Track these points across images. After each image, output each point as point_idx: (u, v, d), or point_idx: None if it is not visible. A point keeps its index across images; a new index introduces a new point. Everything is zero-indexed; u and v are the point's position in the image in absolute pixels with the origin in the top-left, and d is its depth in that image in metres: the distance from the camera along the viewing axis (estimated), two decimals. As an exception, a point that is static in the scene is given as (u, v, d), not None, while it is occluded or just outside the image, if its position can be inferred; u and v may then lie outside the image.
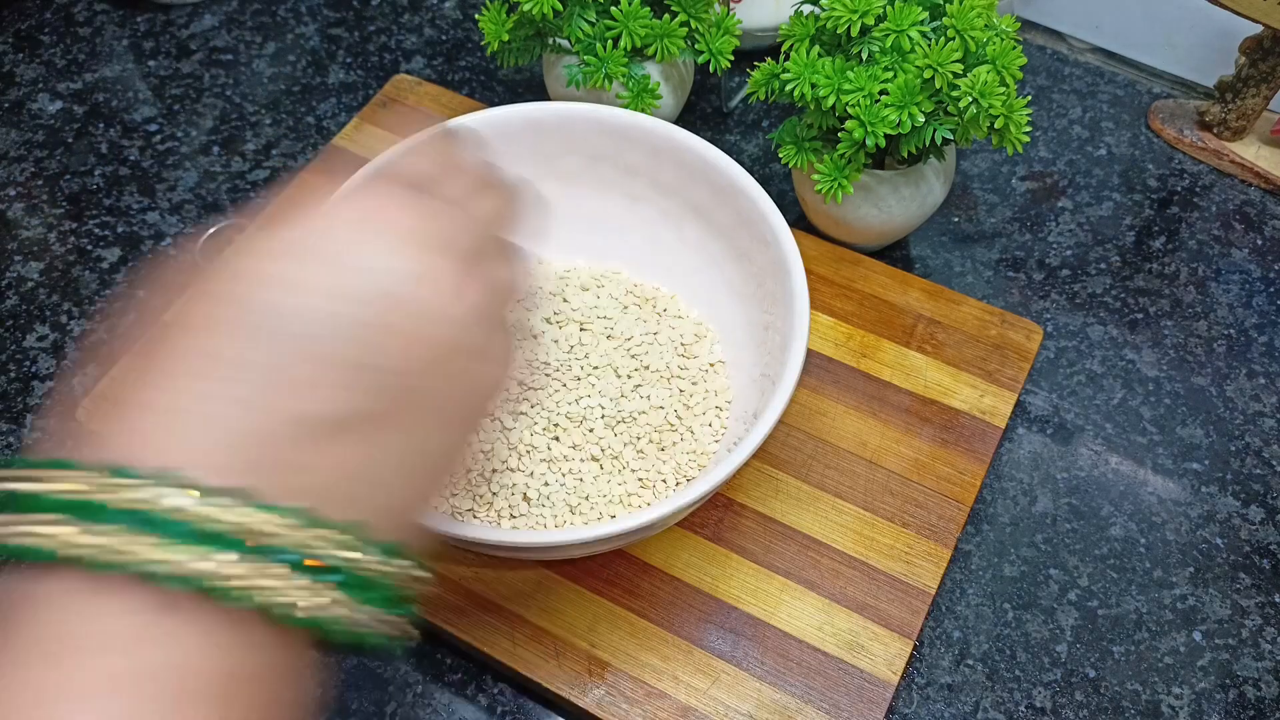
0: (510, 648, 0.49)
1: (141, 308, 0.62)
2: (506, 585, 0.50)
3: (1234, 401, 0.58)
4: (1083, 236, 0.64)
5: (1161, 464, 0.56)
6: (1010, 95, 0.51)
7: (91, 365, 0.60)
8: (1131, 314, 0.61)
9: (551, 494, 0.50)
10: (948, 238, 0.64)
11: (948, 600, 0.52)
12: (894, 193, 0.57)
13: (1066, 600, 0.52)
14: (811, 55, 0.53)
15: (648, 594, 0.50)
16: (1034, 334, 0.57)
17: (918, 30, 0.51)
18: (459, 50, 0.73)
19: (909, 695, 0.50)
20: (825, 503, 0.52)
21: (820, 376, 0.56)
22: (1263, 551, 0.53)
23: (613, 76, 0.58)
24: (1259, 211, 0.65)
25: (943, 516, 0.52)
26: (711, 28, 0.59)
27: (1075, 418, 0.57)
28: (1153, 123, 0.69)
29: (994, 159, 0.68)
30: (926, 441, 0.54)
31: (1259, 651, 0.51)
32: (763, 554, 0.51)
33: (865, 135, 0.51)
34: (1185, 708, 0.49)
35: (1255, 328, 0.61)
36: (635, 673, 0.48)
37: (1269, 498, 0.55)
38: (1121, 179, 0.67)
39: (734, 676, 0.48)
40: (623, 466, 0.51)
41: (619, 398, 0.52)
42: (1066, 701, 0.49)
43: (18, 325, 0.61)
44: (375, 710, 0.49)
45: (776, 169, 0.67)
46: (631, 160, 0.55)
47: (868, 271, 0.59)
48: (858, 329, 0.58)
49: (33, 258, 0.64)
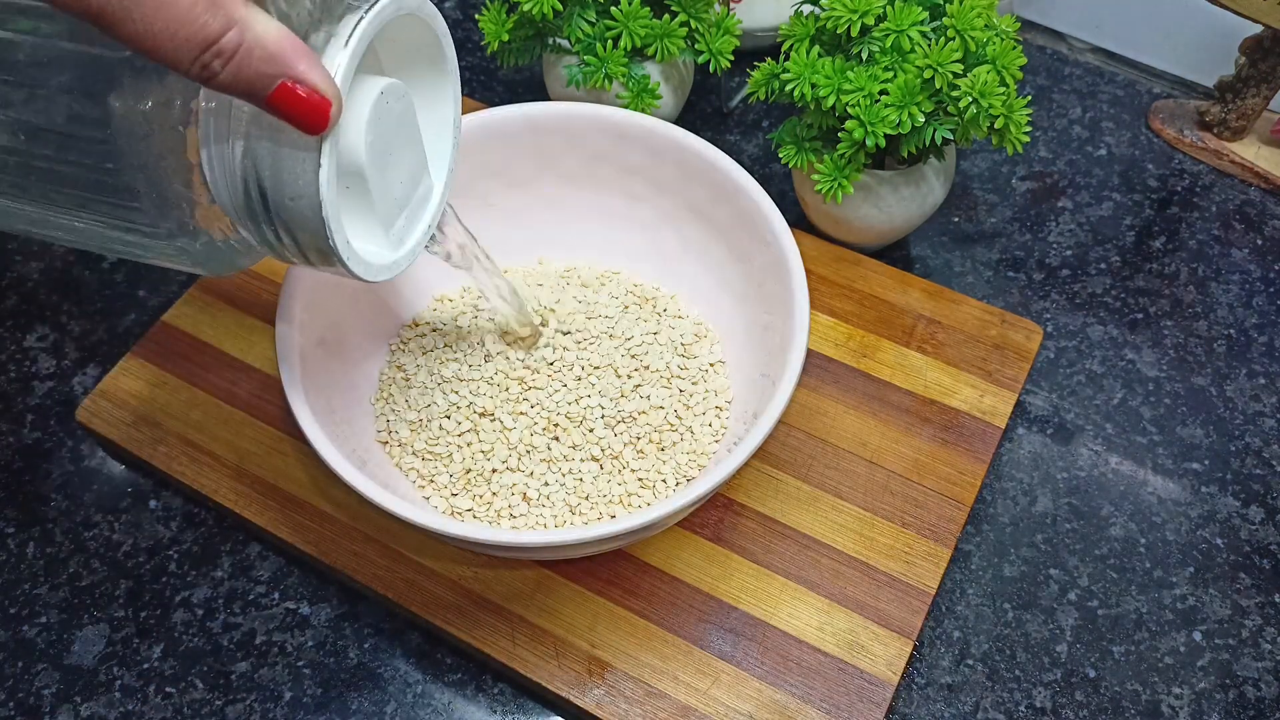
0: (510, 648, 0.49)
1: (141, 308, 0.62)
2: (506, 585, 0.50)
3: (1234, 401, 0.58)
4: (1083, 236, 0.64)
5: (1161, 464, 0.56)
6: (1010, 95, 0.51)
7: (91, 365, 0.60)
8: (1131, 314, 0.61)
9: (551, 494, 0.50)
10: (948, 238, 0.64)
11: (948, 600, 0.52)
12: (894, 193, 0.57)
13: (1066, 600, 0.52)
14: (811, 55, 0.53)
15: (648, 594, 0.50)
16: (1034, 334, 0.57)
17: (918, 30, 0.51)
18: (459, 50, 0.73)
19: (909, 695, 0.50)
20: (825, 503, 0.52)
21: (820, 376, 0.56)
22: (1263, 551, 0.53)
23: (613, 76, 0.58)
24: (1259, 211, 0.65)
25: (943, 516, 0.52)
26: (711, 28, 0.59)
27: (1075, 418, 0.58)
28: (1153, 123, 0.69)
29: (994, 159, 0.68)
30: (926, 441, 0.54)
31: (1259, 651, 0.51)
32: (763, 554, 0.51)
33: (865, 135, 0.51)
34: (1185, 708, 0.49)
35: (1255, 328, 0.61)
36: (635, 673, 0.48)
37: (1269, 498, 0.55)
38: (1121, 179, 0.67)
39: (734, 676, 0.48)
40: (623, 466, 0.51)
41: (619, 398, 0.52)
42: (1066, 701, 0.49)
43: (18, 325, 0.61)
44: (375, 710, 0.49)
45: (776, 169, 0.67)
46: (631, 160, 0.55)
47: (868, 271, 0.59)
48: (858, 329, 0.58)
49: (33, 258, 0.64)
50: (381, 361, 0.55)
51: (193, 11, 0.28)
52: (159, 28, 0.28)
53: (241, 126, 0.34)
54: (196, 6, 0.28)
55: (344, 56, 0.33)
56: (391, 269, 0.40)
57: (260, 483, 0.53)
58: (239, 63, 0.30)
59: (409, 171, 0.41)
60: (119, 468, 0.56)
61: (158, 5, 0.28)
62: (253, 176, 0.35)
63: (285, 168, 0.34)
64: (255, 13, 0.30)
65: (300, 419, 0.44)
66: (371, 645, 0.51)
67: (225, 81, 0.30)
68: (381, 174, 0.38)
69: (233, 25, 0.29)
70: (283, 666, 0.50)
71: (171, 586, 0.52)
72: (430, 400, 0.53)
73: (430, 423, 0.52)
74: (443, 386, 0.53)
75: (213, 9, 0.29)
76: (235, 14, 0.29)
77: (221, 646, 0.51)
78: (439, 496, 0.50)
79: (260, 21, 0.30)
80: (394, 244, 0.41)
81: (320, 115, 0.32)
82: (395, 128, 0.38)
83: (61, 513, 0.55)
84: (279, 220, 0.35)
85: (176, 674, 0.50)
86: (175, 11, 0.28)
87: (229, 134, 0.34)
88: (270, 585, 0.52)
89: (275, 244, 0.37)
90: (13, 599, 0.52)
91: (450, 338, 0.55)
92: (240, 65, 0.30)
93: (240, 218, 0.36)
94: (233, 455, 0.54)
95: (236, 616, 0.52)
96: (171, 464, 0.54)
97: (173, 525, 0.54)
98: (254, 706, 0.49)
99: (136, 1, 0.28)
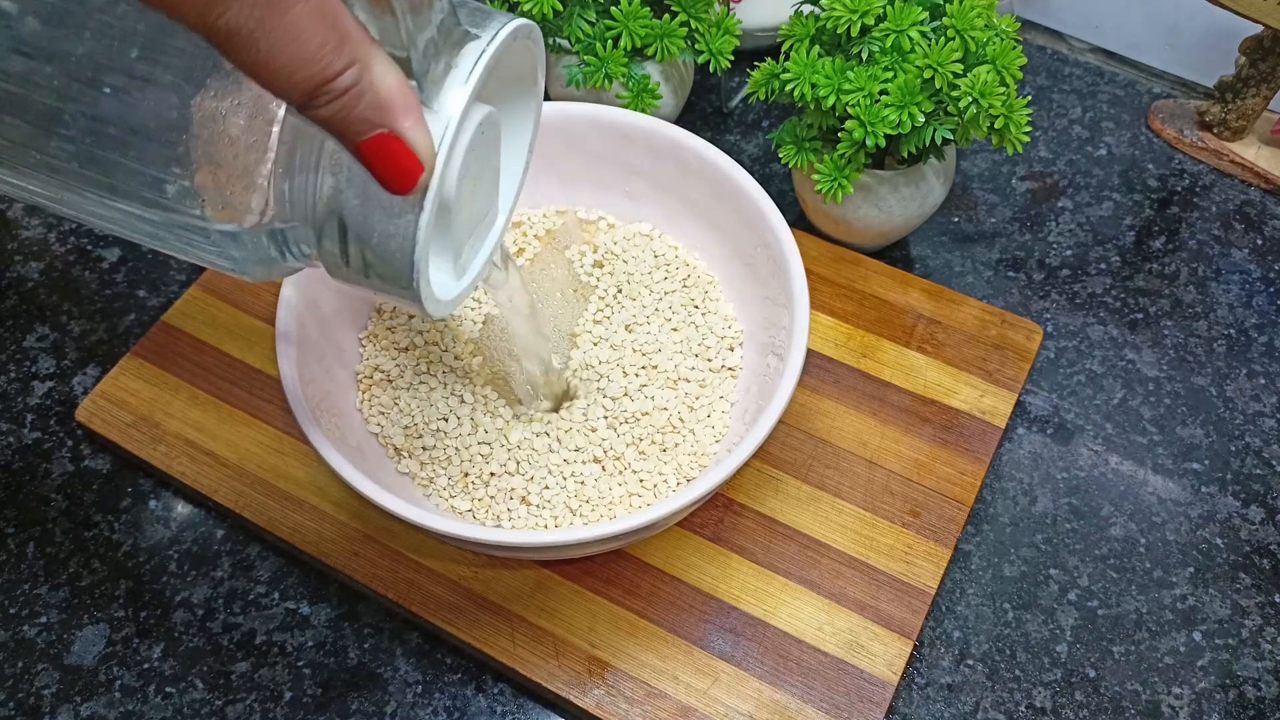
0: (510, 648, 0.49)
1: (141, 308, 0.62)
2: (506, 585, 0.50)
3: (1234, 401, 0.58)
4: (1083, 236, 0.64)
5: (1161, 464, 0.56)
6: (1010, 95, 0.51)
7: (91, 365, 0.60)
8: (1131, 314, 0.61)
9: (552, 496, 0.50)
10: (948, 238, 0.64)
11: (948, 600, 0.52)
12: (894, 193, 0.57)
13: (1066, 600, 0.52)
14: (811, 55, 0.53)
15: (648, 594, 0.50)
16: (1034, 334, 0.57)
17: (918, 30, 0.51)
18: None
19: (909, 695, 0.50)
20: (825, 503, 0.52)
21: (820, 376, 0.56)
22: (1263, 551, 0.53)
23: (613, 76, 0.58)
24: (1259, 211, 0.65)
25: (943, 516, 0.52)
26: (711, 28, 0.59)
27: (1075, 418, 0.58)
28: (1153, 123, 0.69)
29: (994, 159, 0.68)
30: (926, 441, 0.54)
31: (1259, 651, 0.51)
32: (763, 554, 0.51)
33: (865, 135, 0.51)
34: (1185, 708, 0.49)
35: (1255, 328, 0.61)
36: (635, 673, 0.48)
37: (1269, 498, 0.55)
38: (1121, 179, 0.67)
39: (734, 676, 0.48)
40: (624, 467, 0.51)
41: (623, 398, 0.52)
42: (1066, 701, 0.49)
43: (18, 325, 0.61)
44: (375, 710, 0.49)
45: (776, 169, 0.67)
46: (631, 160, 0.55)
47: (868, 271, 0.59)
48: (858, 329, 0.58)
49: (33, 258, 0.64)
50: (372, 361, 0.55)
51: (322, 50, 0.26)
52: (282, 61, 0.26)
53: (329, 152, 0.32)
54: (327, 45, 0.26)
55: (465, 94, 0.31)
56: (454, 303, 0.37)
57: (260, 483, 0.53)
58: (346, 103, 0.28)
59: (484, 199, 0.38)
60: (119, 468, 0.56)
61: (290, 39, 0.26)
62: (337, 205, 0.32)
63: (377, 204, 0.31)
64: (378, 54, 0.28)
65: (300, 419, 0.44)
66: (371, 645, 0.51)
67: (323, 116, 0.28)
68: (463, 205, 0.36)
69: (353, 65, 0.27)
70: (283, 666, 0.50)
71: (171, 586, 0.52)
72: (426, 401, 0.53)
73: (429, 424, 0.52)
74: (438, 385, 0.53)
75: (339, 48, 0.27)
76: (358, 53, 0.27)
77: (221, 646, 0.51)
78: (438, 496, 0.50)
79: (380, 65, 0.28)
80: (458, 273, 0.38)
81: (409, 180, 0.30)
82: (482, 156, 0.36)
83: (61, 513, 0.55)
84: (354, 246, 0.33)
85: (176, 674, 0.50)
86: (305, 49, 0.26)
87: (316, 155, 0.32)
88: (270, 585, 0.52)
89: (340, 265, 0.34)
90: (13, 599, 0.52)
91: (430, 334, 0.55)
92: (346, 106, 0.28)
93: (311, 241, 0.34)
94: (233, 455, 0.54)
95: (236, 616, 0.52)
96: (171, 464, 0.54)
97: (173, 525, 0.54)
98: (254, 706, 0.49)
99: (267, 31, 0.26)
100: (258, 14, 0.25)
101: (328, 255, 0.34)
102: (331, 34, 0.26)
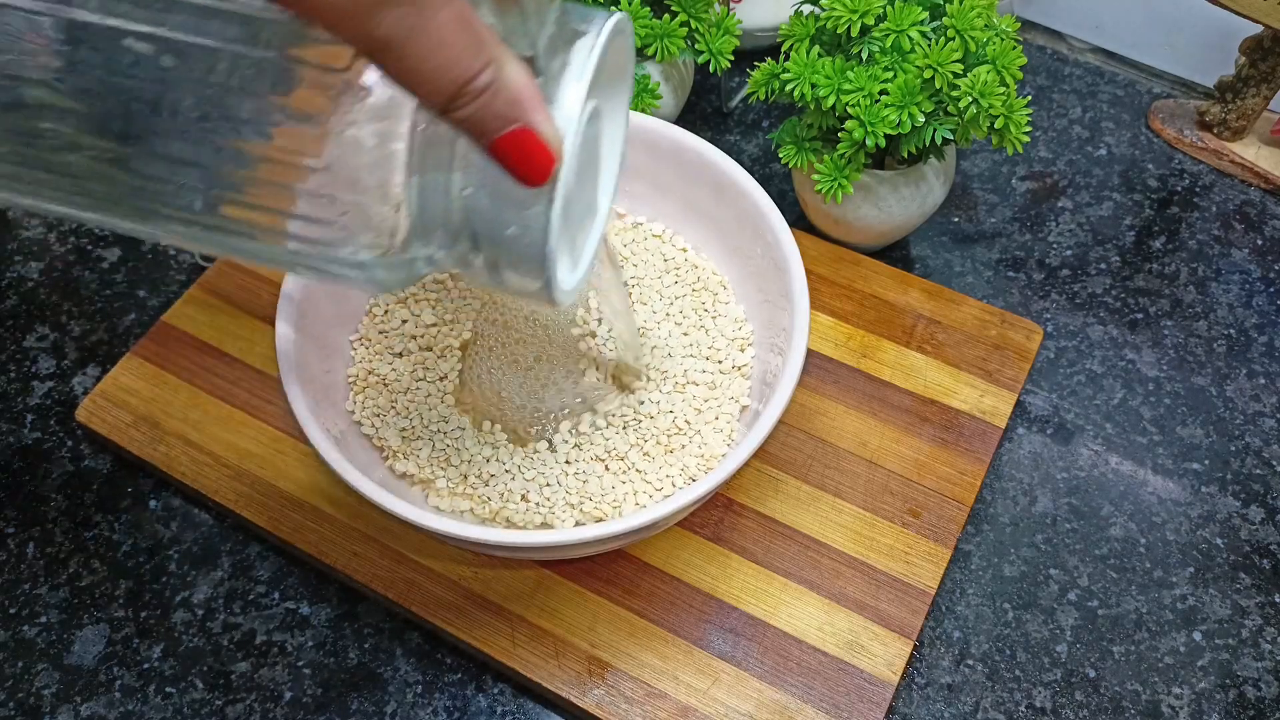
0: (510, 648, 0.49)
1: (141, 308, 0.62)
2: (506, 585, 0.50)
3: (1234, 401, 0.58)
4: (1083, 236, 0.64)
5: (1161, 464, 0.56)
6: (1010, 95, 0.51)
7: (91, 365, 0.60)
8: (1131, 314, 0.61)
9: (553, 495, 0.50)
10: (948, 238, 0.64)
11: (948, 600, 0.52)
12: (894, 193, 0.57)
13: (1066, 600, 0.52)
14: (811, 55, 0.53)
15: (648, 594, 0.50)
16: (1034, 334, 0.57)
17: (918, 30, 0.51)
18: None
19: (909, 695, 0.50)
20: (825, 503, 0.52)
21: (820, 376, 0.56)
22: (1263, 551, 0.53)
23: (613, 76, 0.58)
24: (1259, 211, 0.65)
25: (943, 516, 0.52)
26: (711, 28, 0.59)
27: (1075, 418, 0.58)
28: (1153, 123, 0.69)
29: (994, 159, 0.68)
30: (926, 441, 0.54)
31: (1259, 651, 0.51)
32: (763, 554, 0.51)
33: (865, 135, 0.51)
34: (1185, 708, 0.49)
35: (1255, 328, 0.61)
36: (635, 673, 0.48)
37: (1269, 498, 0.55)
38: (1121, 179, 0.67)
39: (734, 676, 0.48)
40: (628, 468, 0.50)
41: (630, 398, 0.52)
42: (1066, 701, 0.49)
43: (18, 325, 0.61)
44: (375, 710, 0.49)
45: (776, 169, 0.67)
46: (631, 160, 0.55)
47: (868, 271, 0.60)
48: (858, 329, 0.58)
49: (33, 258, 0.64)
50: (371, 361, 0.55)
51: (465, 53, 0.28)
52: (430, 66, 0.28)
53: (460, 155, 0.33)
54: (468, 49, 0.28)
55: (582, 87, 0.32)
56: (574, 292, 0.38)
57: (260, 483, 0.53)
58: (484, 102, 0.29)
59: (589, 190, 0.40)
60: (119, 468, 0.56)
61: (438, 44, 0.27)
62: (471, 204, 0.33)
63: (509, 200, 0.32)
64: (506, 52, 0.29)
65: (300, 419, 0.44)
66: (371, 645, 0.51)
67: (462, 117, 0.29)
68: (574, 197, 0.37)
69: (489, 65, 0.28)
70: (283, 666, 0.50)
71: (171, 586, 0.52)
72: (424, 404, 0.53)
73: (427, 426, 0.52)
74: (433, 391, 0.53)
75: (477, 48, 0.28)
76: (492, 53, 0.29)
77: (221, 646, 0.51)
78: (438, 497, 0.50)
79: (510, 62, 0.29)
80: (573, 264, 0.39)
81: (544, 169, 0.31)
82: (589, 148, 0.37)
83: (61, 513, 0.55)
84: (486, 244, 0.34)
85: (176, 674, 0.50)
86: (451, 53, 0.28)
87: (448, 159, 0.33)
88: (270, 585, 0.52)
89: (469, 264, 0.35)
90: (13, 599, 0.52)
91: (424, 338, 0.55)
92: (484, 105, 0.29)
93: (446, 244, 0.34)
94: (233, 455, 0.54)
95: (236, 616, 0.52)
96: (171, 464, 0.54)
97: (173, 525, 0.54)
98: (254, 706, 0.49)
99: (416, 38, 0.27)
100: (408, 23, 0.27)
101: (459, 256, 0.35)
102: (471, 37, 0.28)
